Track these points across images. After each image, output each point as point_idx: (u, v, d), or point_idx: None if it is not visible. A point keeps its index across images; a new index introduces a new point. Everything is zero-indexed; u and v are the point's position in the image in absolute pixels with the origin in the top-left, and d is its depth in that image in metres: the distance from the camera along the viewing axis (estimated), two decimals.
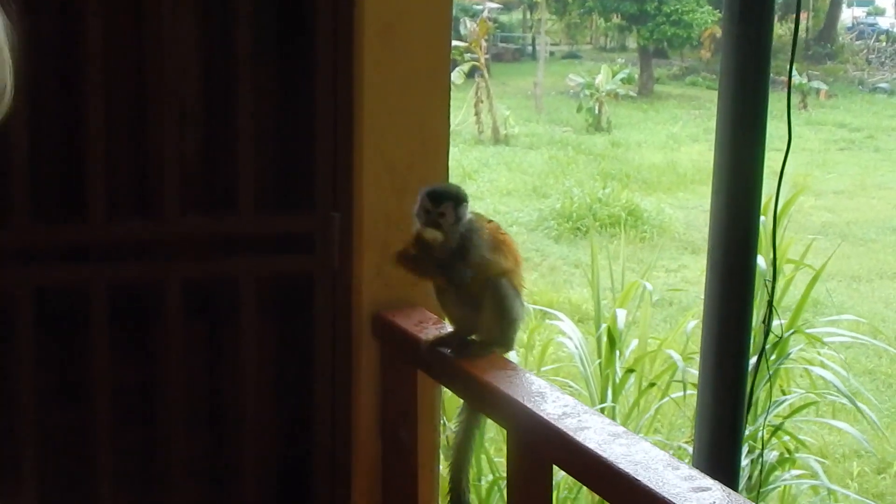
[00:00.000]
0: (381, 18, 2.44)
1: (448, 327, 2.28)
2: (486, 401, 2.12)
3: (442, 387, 2.49)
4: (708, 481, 1.64)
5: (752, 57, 2.93)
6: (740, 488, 4.24)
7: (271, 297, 2.50)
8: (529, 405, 1.93)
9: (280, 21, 2.48)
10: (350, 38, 2.42)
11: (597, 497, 4.88)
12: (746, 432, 4.34)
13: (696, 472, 1.67)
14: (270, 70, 2.48)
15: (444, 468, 2.45)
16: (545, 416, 1.89)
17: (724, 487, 1.63)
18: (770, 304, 3.07)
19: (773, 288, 2.98)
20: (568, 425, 1.85)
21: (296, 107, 2.48)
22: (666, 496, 1.59)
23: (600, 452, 1.74)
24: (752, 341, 3.19)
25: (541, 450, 1.95)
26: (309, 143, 2.45)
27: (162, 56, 2.36)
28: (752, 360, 3.50)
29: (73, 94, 2.32)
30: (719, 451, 2.85)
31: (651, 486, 1.62)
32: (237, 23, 2.39)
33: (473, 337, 2.21)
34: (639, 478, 1.64)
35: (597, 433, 1.80)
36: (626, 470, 1.67)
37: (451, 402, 4.17)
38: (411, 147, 2.49)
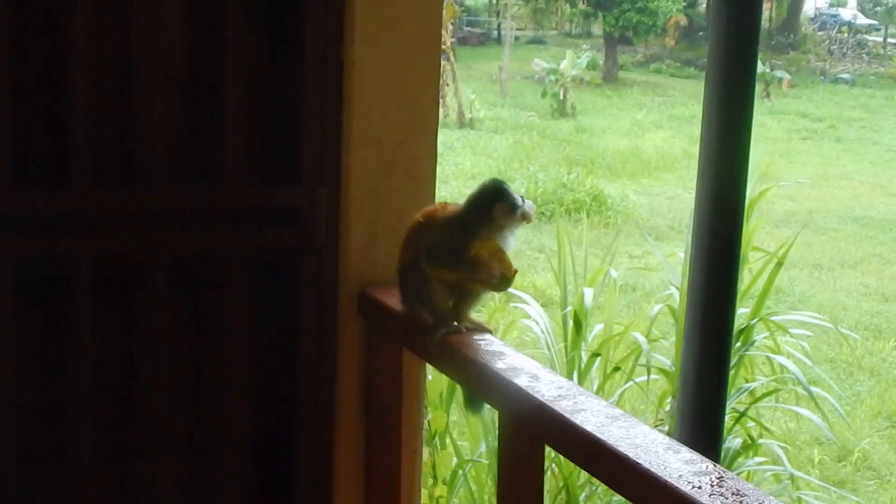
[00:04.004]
0: None
1: None
2: (479, 381, 2.09)
3: (426, 365, 2.46)
4: (709, 465, 1.62)
5: (739, 40, 2.92)
6: None
7: (257, 272, 2.45)
8: (524, 386, 1.90)
9: None
10: (341, 10, 2.38)
11: (562, 482, 4.88)
12: None
13: (696, 456, 1.64)
14: (259, 42, 2.43)
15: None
16: (540, 398, 1.86)
17: (725, 470, 1.61)
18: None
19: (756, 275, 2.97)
20: (564, 407, 1.81)
21: (285, 80, 2.44)
22: (667, 479, 1.57)
23: (599, 435, 1.70)
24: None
25: (535, 431, 1.92)
26: (297, 117, 2.40)
27: (149, 23, 2.31)
28: None
29: (58, 60, 2.26)
30: (701, 434, 2.84)
31: (652, 469, 1.59)
32: None
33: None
34: (639, 461, 1.62)
35: (594, 415, 1.77)
36: (626, 453, 1.64)
37: (431, 387, 4.15)
38: (400, 122, 2.45)
